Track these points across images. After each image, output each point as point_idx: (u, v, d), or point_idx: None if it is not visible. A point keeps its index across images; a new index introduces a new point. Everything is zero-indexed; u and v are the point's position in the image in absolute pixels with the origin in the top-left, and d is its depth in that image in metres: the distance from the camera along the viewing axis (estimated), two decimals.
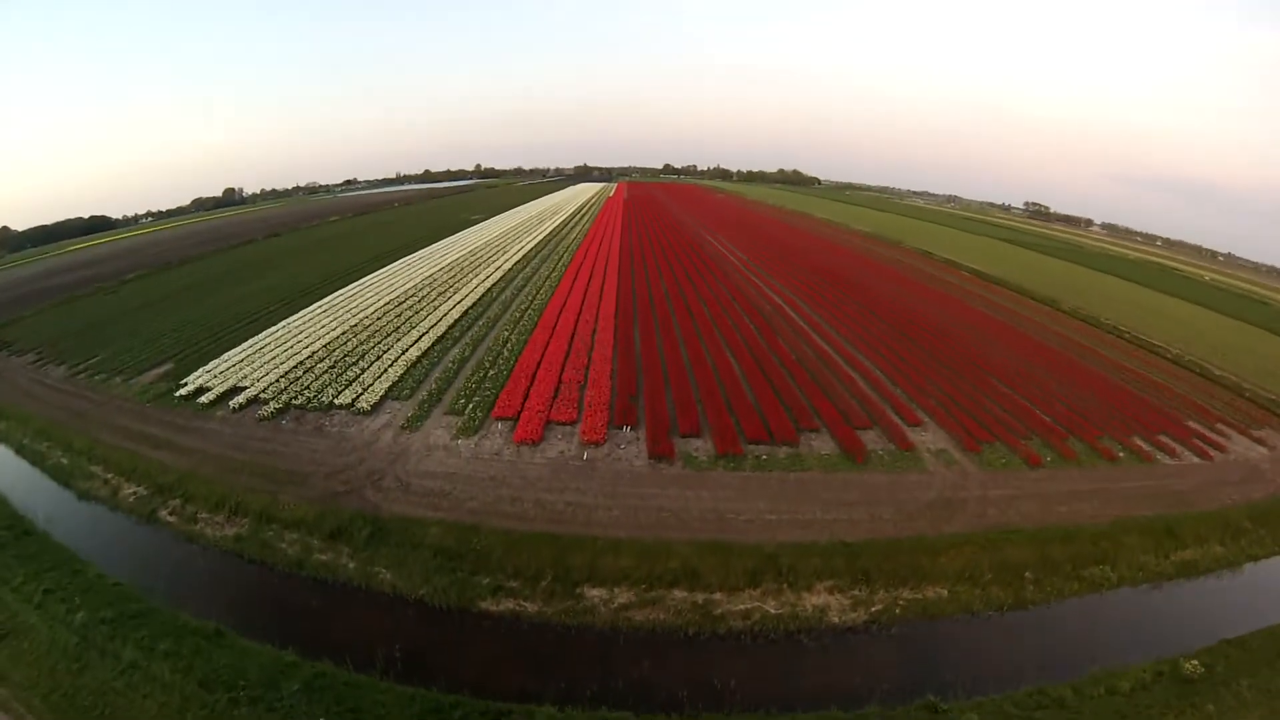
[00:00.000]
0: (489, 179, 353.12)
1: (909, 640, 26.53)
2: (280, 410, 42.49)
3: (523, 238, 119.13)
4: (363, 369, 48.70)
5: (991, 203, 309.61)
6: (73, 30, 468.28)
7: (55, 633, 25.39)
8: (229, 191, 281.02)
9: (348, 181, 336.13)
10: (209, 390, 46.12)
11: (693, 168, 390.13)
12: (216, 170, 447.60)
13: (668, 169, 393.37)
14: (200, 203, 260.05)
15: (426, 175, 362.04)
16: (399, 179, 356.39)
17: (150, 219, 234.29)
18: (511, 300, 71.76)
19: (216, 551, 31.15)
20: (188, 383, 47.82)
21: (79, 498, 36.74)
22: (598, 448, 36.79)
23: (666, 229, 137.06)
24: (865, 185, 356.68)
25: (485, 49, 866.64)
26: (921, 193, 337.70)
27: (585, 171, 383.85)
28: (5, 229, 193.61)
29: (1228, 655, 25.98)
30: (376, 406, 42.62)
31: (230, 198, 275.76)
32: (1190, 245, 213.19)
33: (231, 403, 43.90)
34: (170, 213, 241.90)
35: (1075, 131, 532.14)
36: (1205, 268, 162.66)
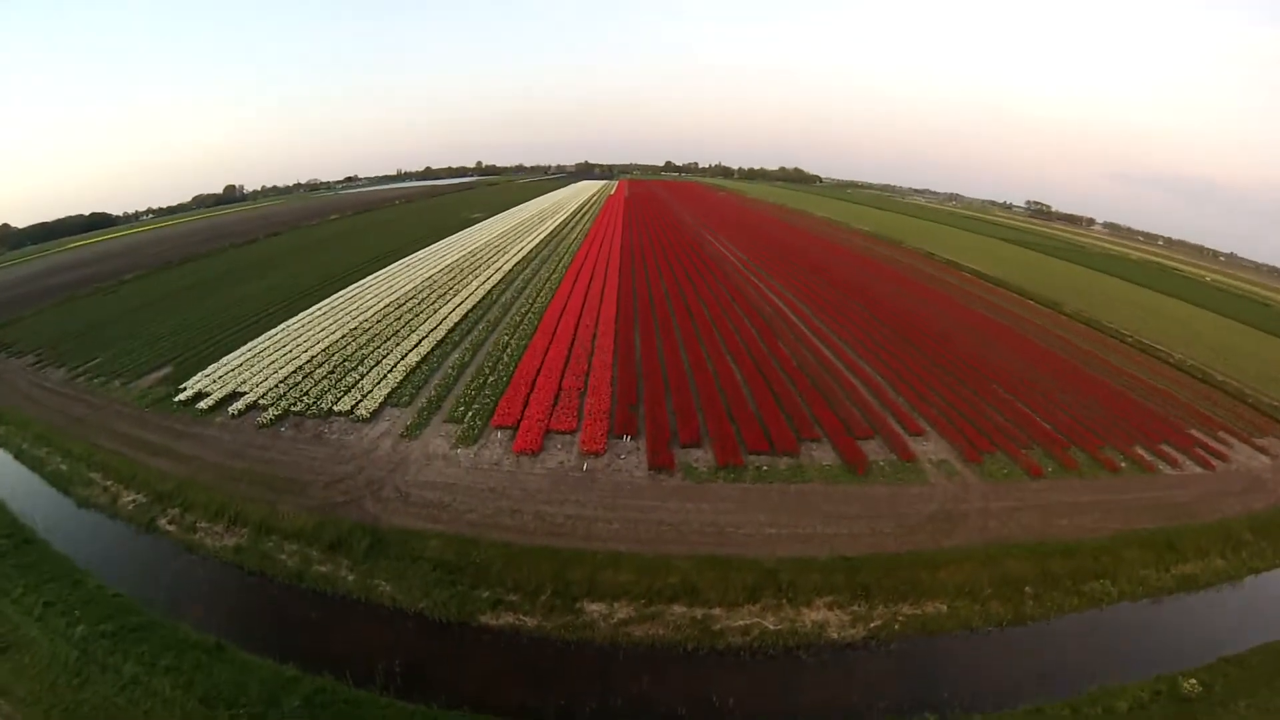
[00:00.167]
0: (490, 176, 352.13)
1: (908, 657, 26.48)
2: (279, 417, 42.43)
3: (523, 237, 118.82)
4: (362, 374, 48.58)
5: (993, 201, 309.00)
6: (74, 29, 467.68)
7: (56, 646, 25.36)
8: (230, 189, 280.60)
9: (349, 179, 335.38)
10: (208, 395, 46.05)
11: (694, 165, 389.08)
12: (217, 167, 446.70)
13: (669, 166, 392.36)
14: (201, 200, 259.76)
15: (427, 172, 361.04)
16: (400, 176, 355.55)
17: (151, 216, 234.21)
18: (512, 303, 71.56)
19: (216, 562, 31.11)
20: (187, 387, 47.76)
21: (78, 505, 36.69)
22: (597, 458, 36.70)
23: (667, 228, 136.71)
24: (866, 183, 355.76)
25: (487, 47, 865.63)
26: (923, 191, 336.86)
27: (586, 169, 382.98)
28: (6, 226, 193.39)
29: (1226, 673, 25.93)
30: (376, 414, 42.54)
31: (231, 195, 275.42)
32: (1191, 245, 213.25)
33: (230, 409, 43.86)
34: (171, 210, 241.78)
35: (1076, 130, 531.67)
36: (1206, 268, 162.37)
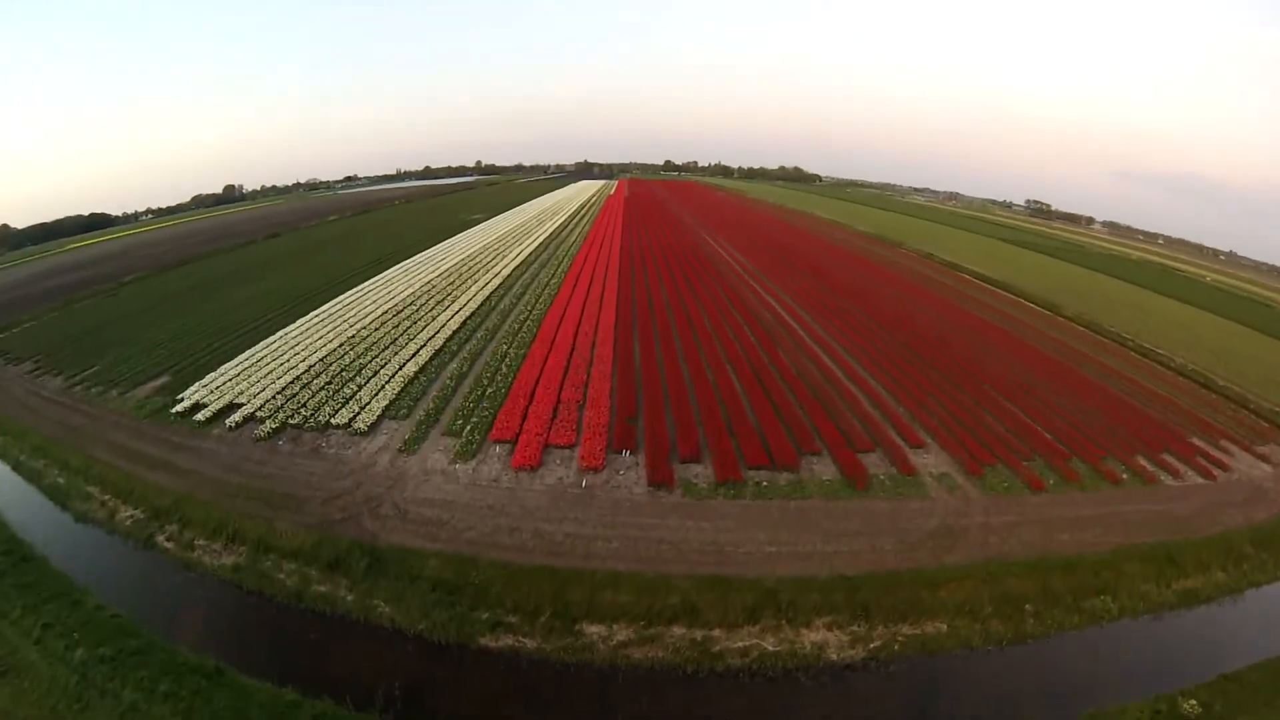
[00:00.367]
0: (490, 176, 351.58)
1: (907, 677, 26.33)
2: (277, 430, 42.24)
3: (523, 240, 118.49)
4: (360, 385, 48.33)
5: (993, 200, 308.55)
6: (74, 29, 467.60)
7: (55, 671, 25.21)
8: (229, 188, 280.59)
9: (348, 178, 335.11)
10: (205, 407, 45.86)
11: (693, 164, 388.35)
12: (217, 167, 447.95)
13: (669, 165, 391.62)
14: (200, 200, 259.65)
15: (427, 172, 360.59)
16: (400, 175, 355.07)
17: (150, 216, 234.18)
18: (510, 309, 71.19)
19: (215, 580, 30.96)
20: (184, 398, 47.57)
21: (76, 519, 36.61)
22: (596, 474, 36.47)
23: (667, 229, 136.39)
24: (866, 182, 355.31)
25: (487, 46, 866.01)
26: (922, 189, 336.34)
27: (586, 168, 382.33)
28: (5, 227, 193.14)
29: (1226, 692, 25.82)
30: (373, 427, 42.30)
31: (230, 194, 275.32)
32: (1191, 244, 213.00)
33: (228, 421, 43.66)
34: (170, 210, 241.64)
35: (1076, 129, 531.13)
36: (1207, 268, 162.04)
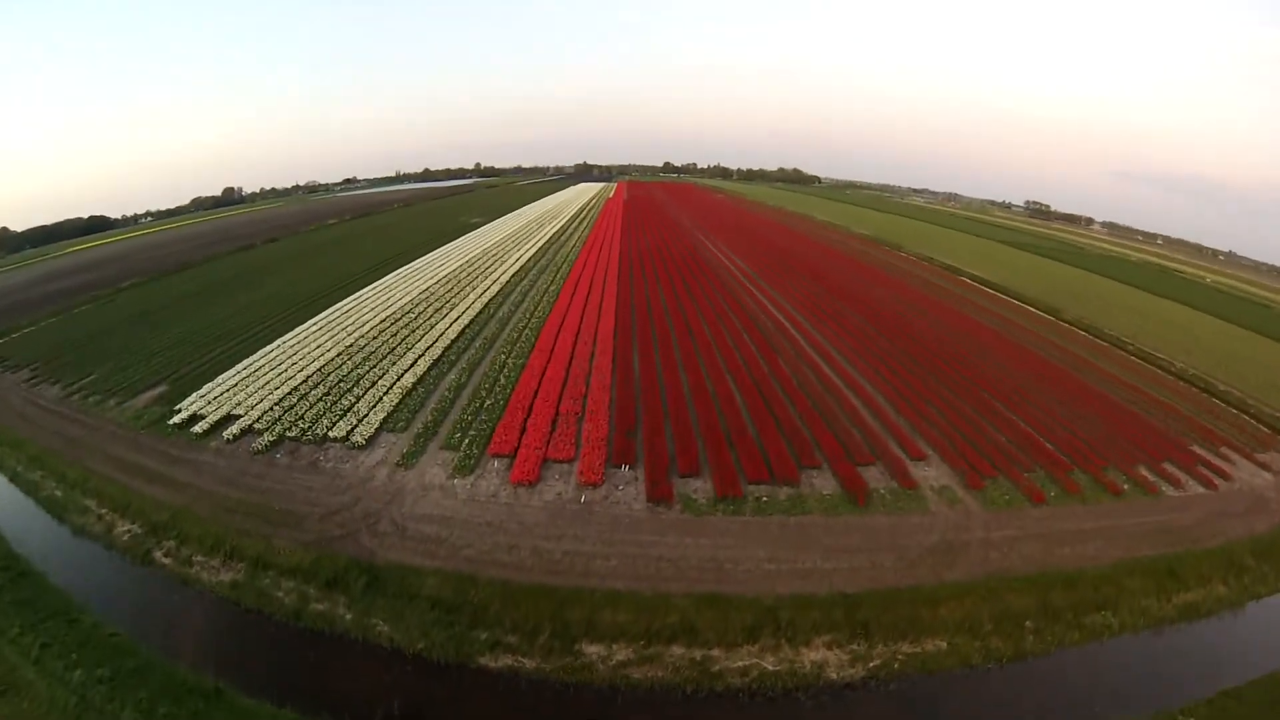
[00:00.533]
0: (489, 178, 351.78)
1: (907, 696, 26.24)
2: (274, 442, 42.09)
3: (522, 244, 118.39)
4: (358, 397, 48.13)
5: (992, 200, 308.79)
6: (74, 29, 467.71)
7: (54, 691, 25.12)
8: (228, 191, 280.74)
9: (347, 180, 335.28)
10: (203, 418, 45.72)
11: (693, 166, 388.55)
12: (217, 169, 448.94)
13: (668, 167, 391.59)
14: (199, 202, 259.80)
15: (426, 174, 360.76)
16: (399, 178, 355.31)
17: (150, 219, 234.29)
18: (509, 317, 70.99)
19: (213, 598, 30.86)
20: (181, 409, 47.41)
21: (74, 533, 36.54)
22: (595, 489, 36.31)
23: (667, 233, 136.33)
24: (865, 184, 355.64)
25: (486, 46, 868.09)
26: (921, 190, 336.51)
27: (585, 170, 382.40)
28: (4, 230, 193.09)
29: (1225, 708, 25.82)
30: (371, 440, 42.09)
31: (230, 197, 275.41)
32: (1191, 244, 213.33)
33: (225, 433, 43.48)
34: (170, 212, 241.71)
35: (1075, 129, 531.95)
36: (1206, 268, 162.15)
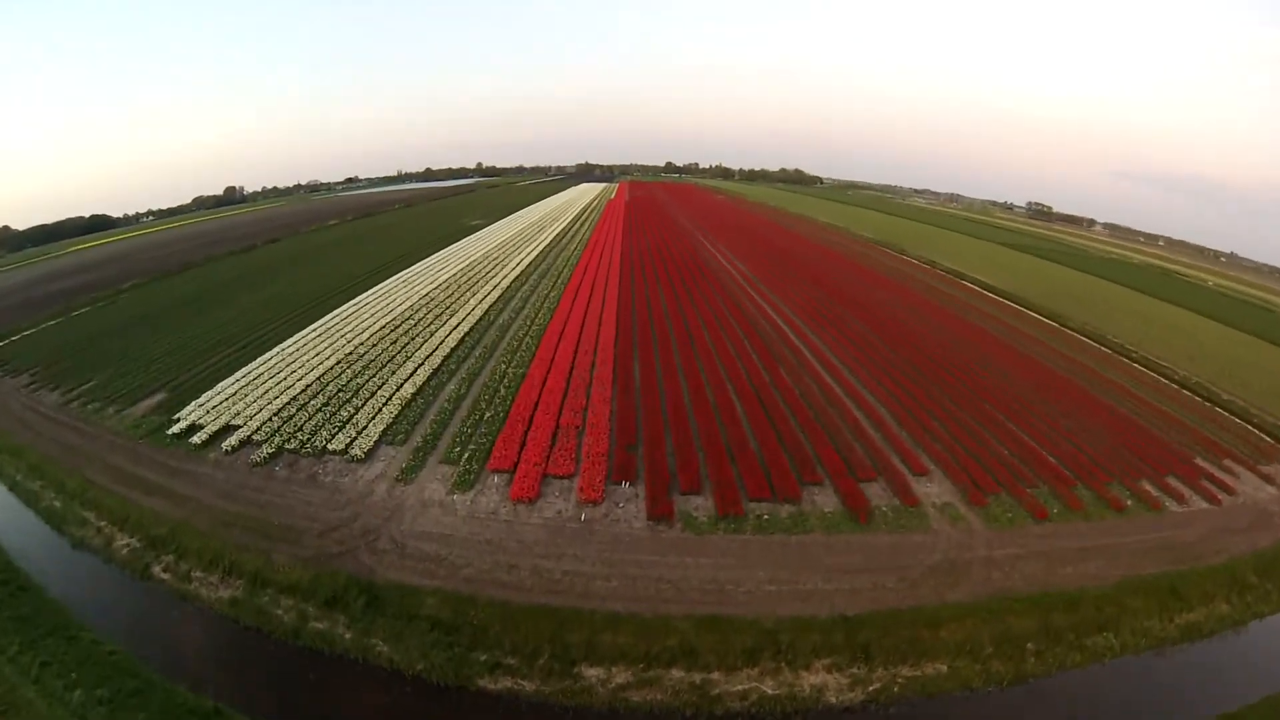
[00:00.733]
0: (490, 177, 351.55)
1: None
2: (273, 455, 41.96)
3: (523, 248, 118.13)
4: (357, 407, 47.90)
5: (994, 201, 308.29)
6: (74, 29, 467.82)
7: (54, 712, 25.01)
8: (230, 190, 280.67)
9: (349, 180, 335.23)
10: (202, 428, 45.64)
11: (694, 166, 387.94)
12: (218, 168, 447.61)
13: (669, 167, 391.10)
14: (201, 201, 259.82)
15: (428, 173, 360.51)
16: (400, 177, 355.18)
17: (151, 218, 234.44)
18: (510, 323, 70.72)
19: (212, 614, 30.79)
20: (180, 418, 47.33)
21: (73, 546, 36.53)
22: (595, 506, 36.08)
23: (668, 236, 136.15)
24: (867, 184, 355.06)
25: (487, 46, 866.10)
26: (923, 191, 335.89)
27: (587, 170, 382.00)
28: (6, 229, 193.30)
29: None
30: (370, 453, 41.86)
31: (231, 196, 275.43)
32: (1192, 245, 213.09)
33: (224, 444, 43.34)
34: (172, 211, 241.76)
35: (1076, 129, 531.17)
36: (1208, 270, 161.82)
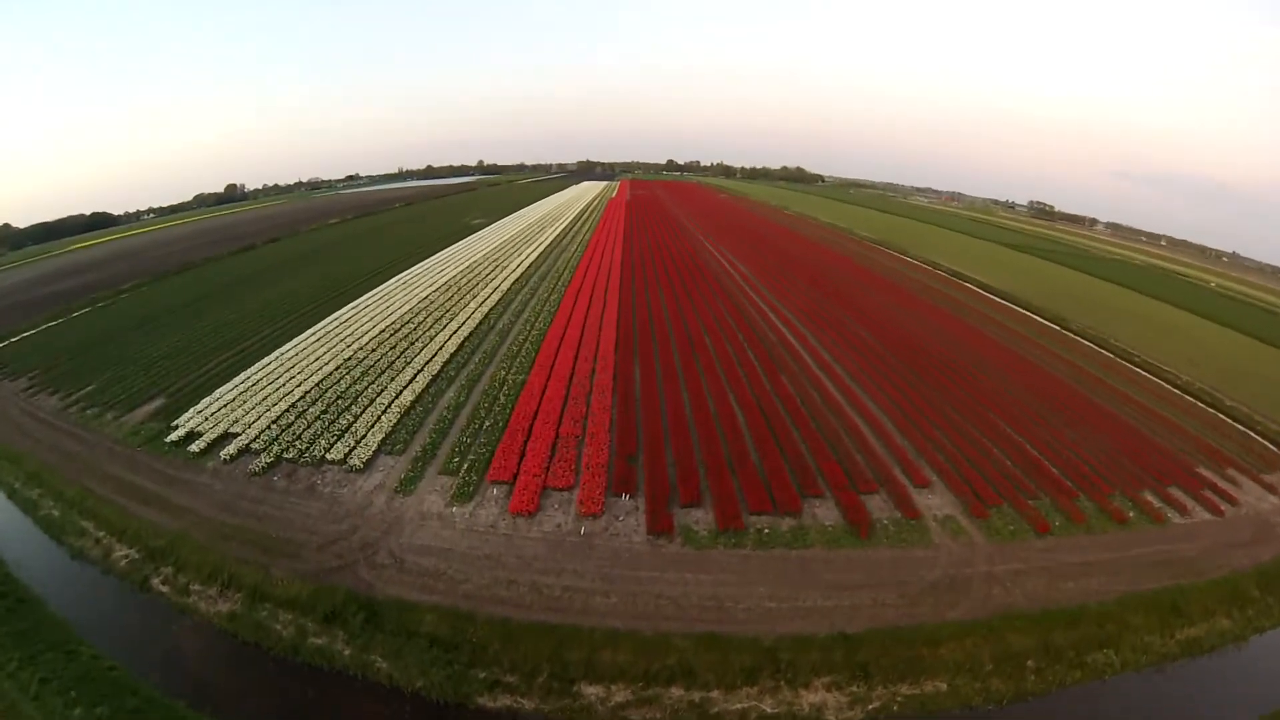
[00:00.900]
0: (491, 175, 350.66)
1: None
2: (272, 464, 41.82)
3: (523, 248, 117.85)
4: (355, 415, 47.71)
5: (995, 200, 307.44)
6: (74, 29, 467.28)
7: None
8: (231, 188, 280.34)
9: (350, 177, 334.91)
10: (200, 436, 45.53)
11: (695, 164, 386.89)
12: (219, 166, 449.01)
13: (670, 166, 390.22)
14: (202, 199, 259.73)
15: (429, 171, 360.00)
16: (401, 175, 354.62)
17: (152, 216, 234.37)
18: (510, 328, 70.43)
19: (211, 628, 30.71)
20: (179, 425, 47.14)
21: (72, 556, 36.44)
22: (595, 520, 35.92)
23: (669, 237, 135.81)
24: (869, 182, 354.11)
25: (487, 46, 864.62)
26: (924, 190, 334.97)
27: (588, 168, 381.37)
28: (7, 226, 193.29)
29: None
30: (369, 463, 41.71)
31: (232, 194, 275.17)
32: (1194, 245, 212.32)
33: (222, 453, 43.21)
34: (172, 209, 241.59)
35: (1077, 129, 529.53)
36: (1210, 271, 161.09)
